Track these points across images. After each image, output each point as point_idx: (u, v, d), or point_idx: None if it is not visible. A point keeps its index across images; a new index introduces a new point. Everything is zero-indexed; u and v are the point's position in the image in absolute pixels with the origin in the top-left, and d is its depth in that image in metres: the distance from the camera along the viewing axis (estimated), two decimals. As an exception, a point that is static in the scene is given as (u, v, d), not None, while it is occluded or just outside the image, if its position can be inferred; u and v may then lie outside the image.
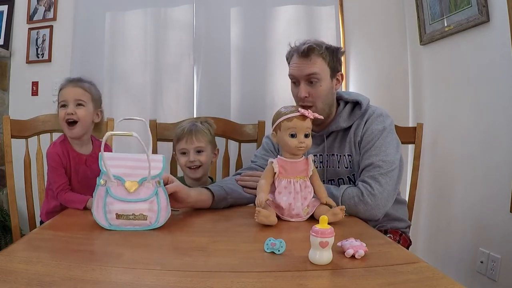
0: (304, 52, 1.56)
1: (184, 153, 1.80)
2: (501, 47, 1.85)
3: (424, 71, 2.54)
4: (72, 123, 1.55)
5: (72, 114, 1.54)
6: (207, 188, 1.47)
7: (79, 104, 1.57)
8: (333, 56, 1.59)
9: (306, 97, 1.57)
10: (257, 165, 1.72)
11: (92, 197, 1.28)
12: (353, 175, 1.60)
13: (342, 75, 1.65)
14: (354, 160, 1.59)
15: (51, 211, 1.58)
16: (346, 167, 1.60)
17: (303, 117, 1.29)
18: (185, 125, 1.83)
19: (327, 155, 1.65)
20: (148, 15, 2.67)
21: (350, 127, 1.61)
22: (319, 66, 1.56)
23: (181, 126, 1.85)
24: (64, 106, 1.56)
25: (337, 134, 1.64)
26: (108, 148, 1.75)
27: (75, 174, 1.58)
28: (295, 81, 1.62)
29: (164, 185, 1.25)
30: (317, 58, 1.56)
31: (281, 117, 1.31)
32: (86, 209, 1.44)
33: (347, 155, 1.60)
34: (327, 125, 1.66)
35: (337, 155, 1.63)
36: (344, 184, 1.60)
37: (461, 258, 2.15)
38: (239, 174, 1.72)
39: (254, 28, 2.64)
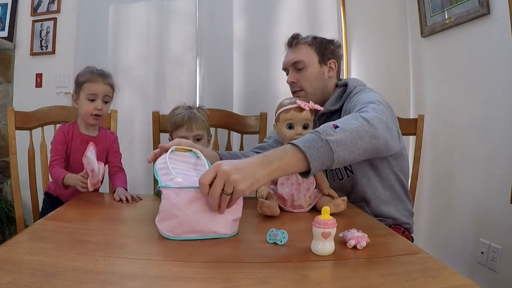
0: (290, 42, 1.65)
1: None
2: (501, 39, 1.85)
3: (425, 63, 2.54)
4: (97, 115, 1.64)
5: (100, 109, 1.63)
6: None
7: (106, 101, 1.66)
8: (322, 45, 1.63)
9: (293, 82, 1.63)
10: (268, 145, 1.73)
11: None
12: None
13: (335, 63, 1.65)
14: None
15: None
16: None
17: (300, 108, 1.29)
18: (183, 112, 1.78)
19: None
20: (151, 7, 2.68)
21: (340, 110, 1.58)
22: (305, 53, 1.61)
23: (178, 113, 1.79)
24: (92, 100, 1.63)
25: (329, 118, 1.58)
26: (113, 136, 1.81)
27: (74, 154, 1.64)
28: (287, 72, 1.68)
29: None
30: (302, 46, 1.63)
31: (280, 108, 1.33)
32: (66, 185, 1.51)
33: None
34: None
35: None
36: (333, 170, 1.56)
37: (462, 248, 2.16)
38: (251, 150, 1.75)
39: (257, 20, 2.64)
